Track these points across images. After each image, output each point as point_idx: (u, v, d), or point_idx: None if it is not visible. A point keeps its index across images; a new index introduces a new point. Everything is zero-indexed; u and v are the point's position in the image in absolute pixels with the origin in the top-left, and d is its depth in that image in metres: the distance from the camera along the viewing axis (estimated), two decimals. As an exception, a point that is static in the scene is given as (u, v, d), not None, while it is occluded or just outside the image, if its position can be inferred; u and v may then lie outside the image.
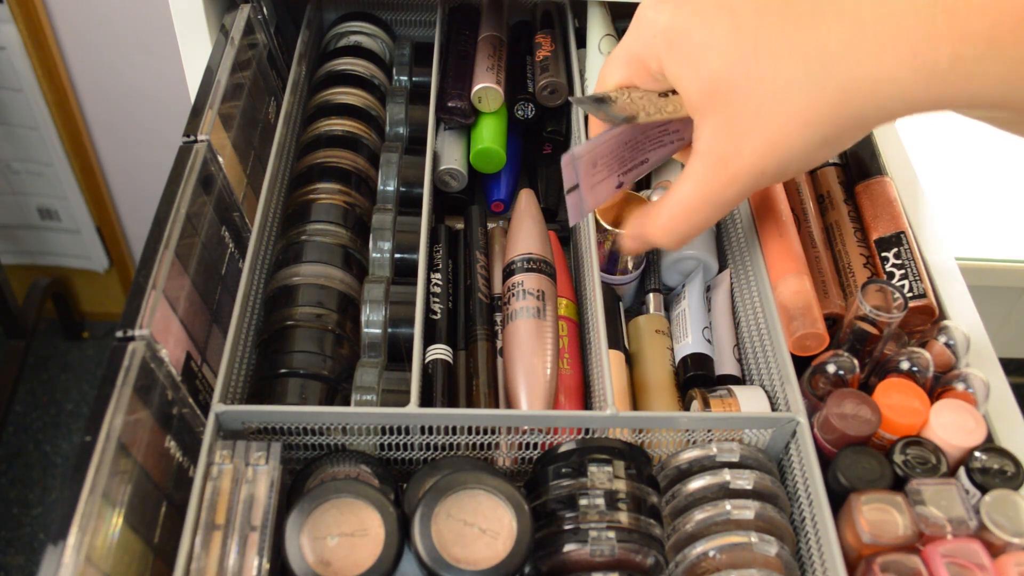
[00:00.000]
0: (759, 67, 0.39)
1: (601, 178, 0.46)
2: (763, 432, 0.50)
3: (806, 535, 0.47)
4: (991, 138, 1.30)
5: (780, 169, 0.41)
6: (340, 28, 0.75)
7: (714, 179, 0.42)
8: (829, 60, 0.37)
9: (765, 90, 0.39)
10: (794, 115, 0.38)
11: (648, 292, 0.64)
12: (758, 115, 0.39)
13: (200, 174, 0.52)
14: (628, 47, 0.45)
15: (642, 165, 0.47)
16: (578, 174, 0.45)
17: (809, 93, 0.38)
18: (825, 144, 0.40)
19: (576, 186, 0.45)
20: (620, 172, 0.46)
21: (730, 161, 0.41)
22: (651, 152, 0.47)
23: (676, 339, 0.60)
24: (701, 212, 0.44)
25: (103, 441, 0.39)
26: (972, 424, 0.48)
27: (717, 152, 0.41)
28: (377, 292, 0.55)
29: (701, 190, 0.43)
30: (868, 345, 0.52)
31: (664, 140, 0.47)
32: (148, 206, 0.50)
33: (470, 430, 0.48)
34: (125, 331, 0.43)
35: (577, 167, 0.45)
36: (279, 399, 0.50)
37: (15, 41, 1.21)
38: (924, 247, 0.61)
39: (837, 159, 0.66)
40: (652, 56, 0.43)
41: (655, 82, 0.44)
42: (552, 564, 0.46)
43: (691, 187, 0.43)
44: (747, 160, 0.41)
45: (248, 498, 0.43)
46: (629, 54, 0.45)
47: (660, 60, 0.43)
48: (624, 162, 0.46)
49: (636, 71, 0.45)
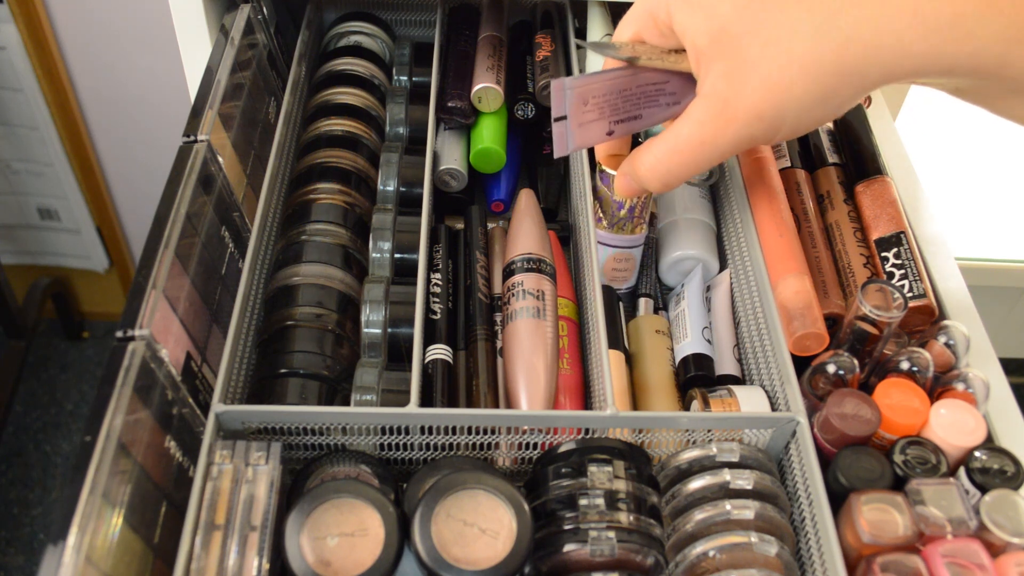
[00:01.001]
0: (766, 14, 0.40)
1: (591, 118, 0.45)
2: (763, 432, 0.50)
3: (806, 535, 0.47)
4: (991, 138, 1.30)
5: (777, 115, 0.41)
6: (340, 28, 0.75)
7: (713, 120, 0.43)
8: (834, 9, 0.38)
9: (770, 34, 0.40)
10: (795, 59, 0.39)
11: (640, 297, 0.64)
12: (761, 58, 0.40)
13: (200, 174, 0.52)
14: (640, 3, 0.46)
15: (635, 120, 0.47)
16: (567, 105, 0.45)
17: (812, 39, 0.39)
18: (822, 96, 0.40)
19: (564, 116, 0.45)
20: (612, 119, 0.46)
21: (730, 102, 0.42)
22: (645, 108, 0.47)
23: (676, 339, 0.60)
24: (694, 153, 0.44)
25: (103, 441, 0.39)
26: (972, 424, 0.49)
27: (719, 93, 0.42)
28: (377, 292, 0.56)
29: (698, 131, 0.43)
30: (868, 345, 0.52)
31: (659, 100, 0.46)
32: (148, 206, 0.50)
33: (470, 430, 0.48)
34: (125, 331, 0.43)
35: (567, 97, 0.44)
36: (279, 399, 0.50)
37: (15, 41, 1.21)
38: (924, 247, 0.61)
39: (837, 159, 0.66)
40: (662, 8, 0.44)
41: (663, 38, 0.45)
42: (552, 564, 0.46)
43: (688, 127, 0.44)
44: (746, 101, 0.41)
45: (248, 498, 0.43)
46: (639, 11, 0.46)
47: (669, 11, 0.43)
48: (617, 109, 0.46)
49: (646, 26, 0.46)
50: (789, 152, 0.67)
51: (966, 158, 1.34)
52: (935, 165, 1.33)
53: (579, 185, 0.62)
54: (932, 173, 1.31)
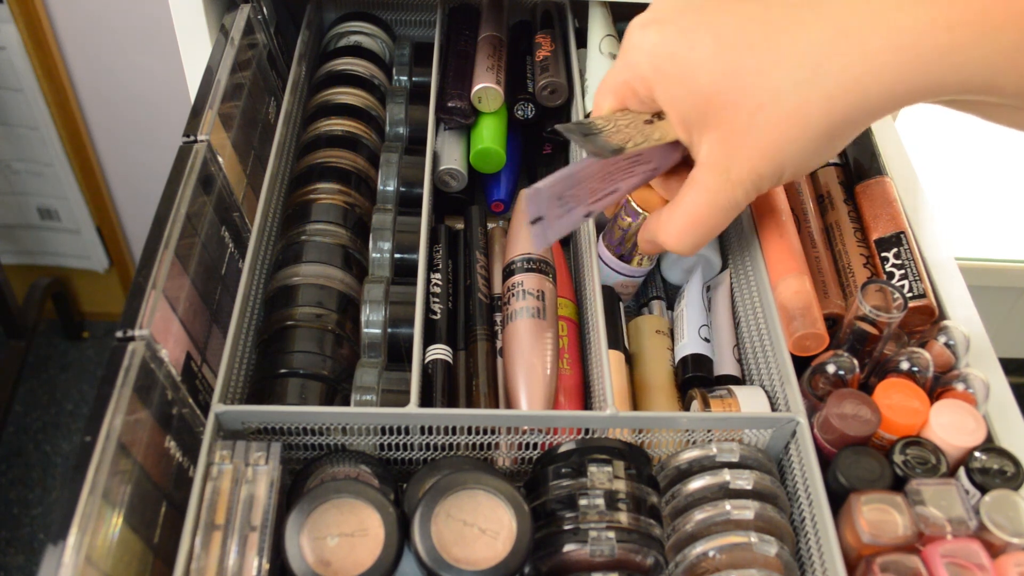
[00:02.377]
0: (747, 79, 0.40)
1: (568, 209, 0.47)
2: (763, 432, 0.50)
3: (806, 535, 0.47)
4: (991, 138, 1.30)
5: (777, 173, 0.42)
6: (340, 28, 0.75)
7: (717, 187, 0.43)
8: (814, 64, 0.38)
9: (754, 101, 0.40)
10: (784, 120, 0.39)
11: (652, 299, 0.64)
12: (751, 125, 0.40)
13: (200, 174, 0.52)
14: (616, 75, 0.46)
15: (612, 195, 0.48)
16: (543, 208, 0.45)
17: (798, 99, 0.39)
18: (819, 146, 0.41)
19: (540, 218, 0.46)
20: (590, 201, 0.47)
21: (730, 169, 0.42)
22: (622, 181, 0.48)
23: (676, 339, 0.60)
24: (711, 219, 0.45)
25: (103, 441, 0.39)
26: (972, 424, 0.49)
27: (717, 162, 0.43)
28: (377, 292, 0.55)
29: (711, 198, 0.44)
30: (868, 345, 0.52)
31: (636, 171, 0.48)
32: (148, 206, 0.50)
33: (470, 430, 0.48)
34: (125, 331, 0.43)
35: (540, 201, 0.45)
36: (279, 399, 0.50)
37: (15, 41, 1.21)
38: (924, 247, 0.61)
39: (837, 159, 0.66)
40: (640, 81, 0.44)
41: (643, 105, 0.45)
42: (552, 564, 0.46)
43: (701, 196, 0.44)
44: (745, 167, 0.42)
45: (248, 498, 0.43)
46: (617, 82, 0.46)
47: (649, 84, 0.44)
48: (594, 192, 0.47)
49: (625, 97, 0.46)
50: (789, 152, 0.67)
51: (966, 158, 1.34)
52: (935, 165, 1.33)
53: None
54: (932, 173, 1.31)
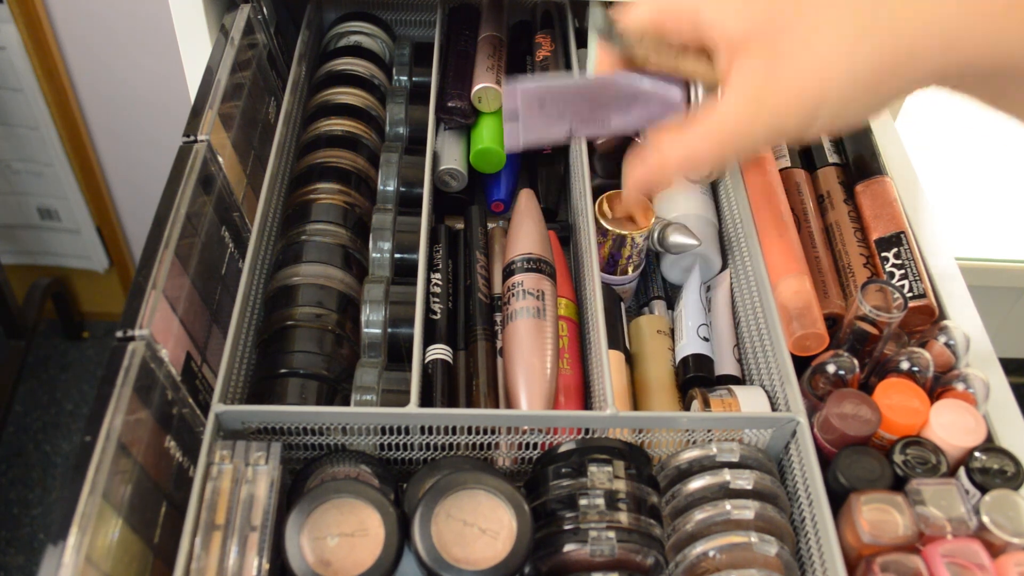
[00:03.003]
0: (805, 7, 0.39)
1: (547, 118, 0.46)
2: (763, 432, 0.50)
3: (806, 535, 0.47)
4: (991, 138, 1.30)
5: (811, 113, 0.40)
6: (340, 28, 0.75)
7: (746, 113, 0.41)
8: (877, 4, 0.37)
9: (808, 26, 0.39)
10: (833, 56, 0.38)
11: (653, 299, 0.64)
12: (799, 50, 0.39)
13: (200, 174, 0.52)
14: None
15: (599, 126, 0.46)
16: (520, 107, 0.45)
17: (853, 35, 0.38)
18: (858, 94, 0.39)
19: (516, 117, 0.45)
20: (574, 121, 0.46)
21: (766, 96, 0.41)
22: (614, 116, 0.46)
23: (676, 339, 0.60)
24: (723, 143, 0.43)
25: (103, 441, 0.39)
26: (972, 424, 0.48)
27: (753, 86, 0.41)
28: (377, 292, 0.55)
29: (731, 120, 0.42)
30: (868, 345, 0.52)
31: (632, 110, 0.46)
32: (148, 206, 0.50)
33: (470, 430, 0.48)
34: (125, 331, 0.43)
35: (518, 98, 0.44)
36: (279, 399, 0.50)
37: (15, 41, 1.21)
38: (924, 247, 0.61)
39: (837, 159, 0.66)
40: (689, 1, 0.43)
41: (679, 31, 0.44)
42: (552, 564, 0.46)
43: (719, 117, 0.42)
44: (781, 96, 0.40)
45: (248, 498, 0.43)
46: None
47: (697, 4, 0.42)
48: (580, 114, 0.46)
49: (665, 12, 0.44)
50: (789, 152, 0.67)
51: (966, 158, 1.34)
52: (935, 165, 1.33)
53: (579, 185, 0.62)
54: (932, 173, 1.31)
